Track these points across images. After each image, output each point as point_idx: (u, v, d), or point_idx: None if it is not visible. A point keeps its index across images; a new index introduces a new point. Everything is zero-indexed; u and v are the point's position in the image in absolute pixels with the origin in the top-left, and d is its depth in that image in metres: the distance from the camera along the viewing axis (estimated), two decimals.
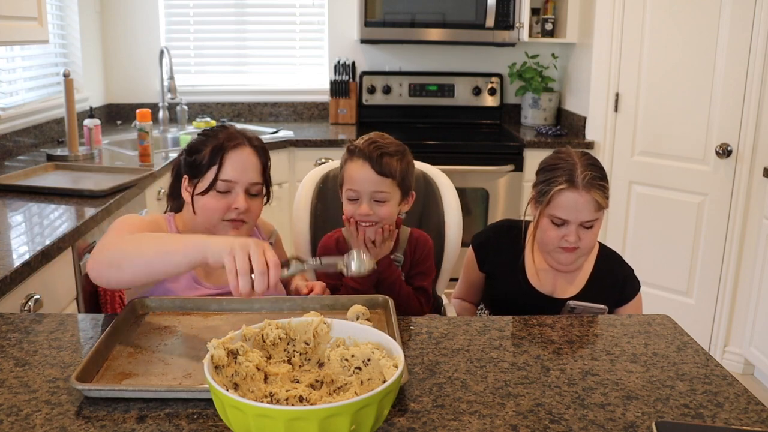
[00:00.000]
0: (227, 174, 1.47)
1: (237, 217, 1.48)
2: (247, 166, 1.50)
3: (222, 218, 1.48)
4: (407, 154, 1.63)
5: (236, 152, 1.49)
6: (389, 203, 1.58)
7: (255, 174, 1.51)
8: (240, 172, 1.48)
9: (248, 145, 1.53)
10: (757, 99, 2.73)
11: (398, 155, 1.58)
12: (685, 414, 1.02)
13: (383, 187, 1.56)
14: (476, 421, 0.98)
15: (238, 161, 1.48)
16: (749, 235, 2.84)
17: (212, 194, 1.47)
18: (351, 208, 1.60)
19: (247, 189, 1.49)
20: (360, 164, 1.57)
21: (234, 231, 1.49)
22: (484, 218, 3.39)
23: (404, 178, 1.59)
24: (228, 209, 1.47)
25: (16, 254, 1.61)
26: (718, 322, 3.01)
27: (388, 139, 1.62)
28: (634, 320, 1.38)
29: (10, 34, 2.16)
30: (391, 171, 1.56)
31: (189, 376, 1.08)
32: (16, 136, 2.79)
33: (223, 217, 1.48)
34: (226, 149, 1.49)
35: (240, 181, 1.48)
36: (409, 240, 1.73)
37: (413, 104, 3.88)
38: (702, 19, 2.86)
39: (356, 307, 1.31)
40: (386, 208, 1.57)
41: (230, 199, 1.47)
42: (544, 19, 3.68)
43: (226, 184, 1.47)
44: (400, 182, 1.58)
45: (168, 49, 3.37)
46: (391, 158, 1.57)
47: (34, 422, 0.95)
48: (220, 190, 1.47)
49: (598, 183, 1.53)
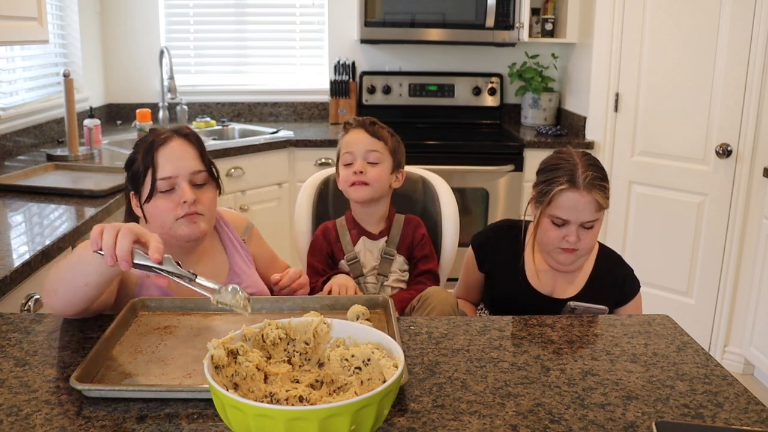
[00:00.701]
0: (164, 171, 1.41)
1: (189, 210, 1.41)
2: (182, 157, 1.43)
3: (175, 217, 1.41)
4: (397, 136, 1.78)
5: (166, 147, 1.43)
6: (381, 165, 1.71)
7: (193, 162, 1.44)
8: (176, 165, 1.41)
9: (177, 136, 1.45)
10: (757, 99, 2.73)
11: (388, 130, 1.75)
12: (685, 414, 1.02)
13: (376, 146, 1.71)
14: (476, 421, 0.98)
15: (171, 154, 1.42)
16: (749, 235, 2.84)
17: (157, 197, 1.42)
18: (346, 173, 1.72)
19: (191, 180, 1.43)
20: (355, 131, 1.73)
21: (192, 226, 1.42)
22: (484, 218, 3.39)
23: (395, 150, 1.74)
24: (177, 206, 1.41)
25: (16, 254, 1.61)
26: (718, 322, 3.01)
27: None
28: (634, 320, 1.38)
29: (10, 34, 2.16)
30: (383, 136, 1.72)
31: (189, 376, 1.08)
32: (16, 136, 2.79)
33: (176, 216, 1.41)
34: (156, 147, 1.43)
35: (179, 173, 1.42)
36: (404, 225, 1.79)
37: (413, 104, 3.88)
38: (702, 19, 2.86)
39: (356, 307, 1.31)
40: (378, 169, 1.70)
41: (176, 196, 1.41)
42: (544, 19, 3.68)
43: (167, 181, 1.41)
44: (392, 150, 1.73)
45: (168, 49, 3.37)
46: (382, 129, 1.74)
47: (34, 422, 0.95)
48: (163, 189, 1.41)
49: (599, 183, 1.53)
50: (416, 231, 1.78)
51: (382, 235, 1.75)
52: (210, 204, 1.46)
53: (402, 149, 1.79)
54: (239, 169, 3.07)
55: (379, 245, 1.75)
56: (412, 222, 1.80)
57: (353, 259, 1.72)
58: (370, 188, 1.69)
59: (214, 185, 1.49)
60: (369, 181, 1.68)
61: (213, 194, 1.48)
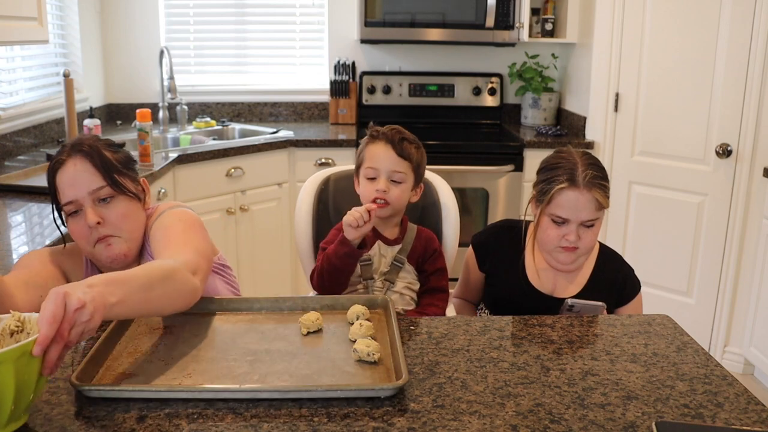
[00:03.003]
0: (65, 195, 1.34)
1: (100, 234, 1.35)
2: (79, 178, 1.34)
3: (89, 243, 1.36)
4: (422, 147, 1.76)
5: (63, 171, 1.35)
6: (403, 185, 1.69)
7: (92, 181, 1.34)
8: (75, 188, 1.33)
9: (73, 155, 1.35)
10: (757, 99, 2.73)
11: (415, 144, 1.73)
12: (685, 414, 1.02)
13: (401, 167, 1.68)
14: (476, 421, 0.98)
15: (68, 178, 1.34)
16: (749, 235, 2.84)
17: (69, 221, 1.37)
18: (369, 187, 1.69)
19: (94, 198, 1.35)
20: (382, 145, 1.69)
21: (108, 249, 1.36)
22: (484, 218, 3.39)
23: (419, 166, 1.72)
24: (89, 230, 1.35)
25: (16, 254, 1.61)
26: (718, 322, 3.01)
27: (406, 131, 1.75)
28: (634, 320, 1.38)
29: (10, 34, 2.16)
30: (409, 155, 1.69)
31: (189, 376, 1.08)
32: (16, 136, 2.79)
33: (90, 242, 1.36)
34: (54, 172, 1.36)
35: (78, 195, 1.34)
36: (417, 236, 1.77)
37: (413, 104, 3.88)
38: (702, 19, 2.86)
39: (356, 308, 1.32)
40: (400, 189, 1.69)
41: (83, 218, 1.34)
42: (544, 19, 3.68)
43: (71, 205, 1.34)
44: (416, 168, 1.71)
45: (168, 49, 3.37)
46: (410, 145, 1.71)
47: (34, 422, 0.95)
48: (71, 212, 1.35)
49: (599, 182, 1.53)
50: (429, 244, 1.77)
51: (397, 242, 1.74)
52: (120, 220, 1.37)
53: (424, 161, 1.75)
54: (239, 169, 3.07)
55: (393, 251, 1.74)
56: (425, 234, 1.78)
57: (367, 261, 1.71)
58: (390, 207, 1.68)
59: (126, 196, 1.39)
60: (391, 201, 1.67)
61: (124, 206, 1.38)
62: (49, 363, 0.90)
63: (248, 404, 1.00)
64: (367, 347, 1.14)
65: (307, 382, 1.07)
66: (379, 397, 1.03)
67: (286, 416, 0.97)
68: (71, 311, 0.91)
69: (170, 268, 1.17)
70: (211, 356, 1.16)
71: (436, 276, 1.77)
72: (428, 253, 1.76)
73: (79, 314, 0.92)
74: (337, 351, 1.19)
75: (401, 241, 1.75)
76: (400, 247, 1.74)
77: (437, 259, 1.78)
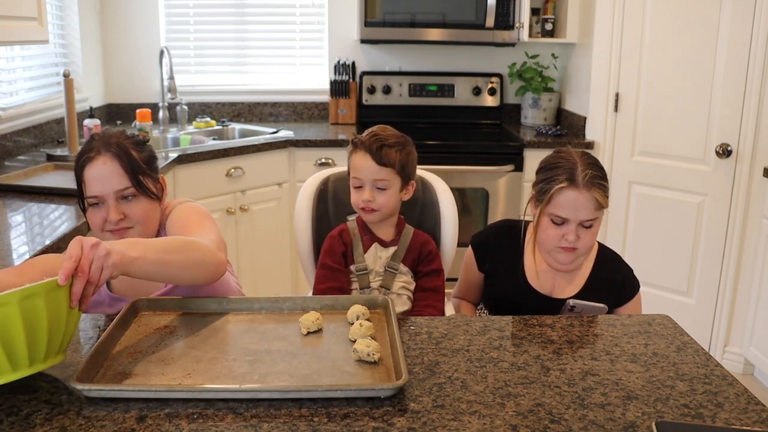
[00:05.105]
0: (91, 190, 1.43)
1: (115, 227, 1.43)
2: (107, 177, 1.42)
3: (102, 230, 1.44)
4: (407, 144, 1.73)
5: (92, 166, 1.43)
6: (389, 190, 1.70)
7: (119, 181, 1.43)
8: (101, 186, 1.42)
9: (104, 153, 1.43)
10: (757, 99, 2.73)
11: (397, 146, 1.69)
12: (685, 414, 1.02)
13: (383, 175, 1.68)
14: (476, 421, 0.98)
15: (96, 175, 1.42)
16: (749, 235, 2.84)
17: (89, 210, 1.45)
18: (356, 196, 1.72)
19: (118, 197, 1.43)
20: (362, 155, 1.69)
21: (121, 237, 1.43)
22: (484, 218, 3.39)
23: (404, 167, 1.71)
24: (104, 221, 1.43)
25: (16, 254, 1.61)
26: (718, 322, 3.01)
27: (388, 131, 1.72)
28: (634, 320, 1.38)
29: (10, 34, 2.16)
30: (390, 161, 1.67)
31: (189, 376, 1.08)
32: (16, 136, 2.79)
33: (104, 229, 1.44)
34: (83, 166, 1.43)
35: (104, 193, 1.42)
36: (413, 238, 1.77)
37: (413, 104, 3.88)
38: (702, 20, 2.86)
39: (356, 308, 1.32)
40: (386, 195, 1.70)
41: (104, 211, 1.43)
42: (544, 19, 3.68)
43: (95, 199, 1.43)
44: (400, 171, 1.70)
45: (168, 49, 3.37)
46: (390, 149, 1.68)
47: (34, 422, 0.95)
48: (93, 204, 1.44)
49: (599, 182, 1.53)
50: (424, 246, 1.77)
51: (393, 243, 1.75)
52: (140, 214, 1.46)
53: (412, 159, 1.74)
54: (239, 169, 3.07)
55: (389, 252, 1.74)
56: (421, 237, 1.79)
57: (362, 271, 1.73)
58: (378, 213, 1.70)
59: (146, 196, 1.47)
60: (377, 208, 1.69)
61: (144, 205, 1.46)
62: (74, 296, 1.04)
63: (248, 404, 1.00)
64: (367, 347, 1.14)
65: (307, 382, 1.07)
66: (379, 397, 1.03)
67: (286, 416, 0.97)
68: (87, 248, 1.06)
69: (192, 240, 1.30)
70: (211, 356, 1.16)
71: (430, 276, 1.77)
72: (423, 255, 1.77)
73: (96, 251, 1.07)
74: (337, 351, 1.19)
75: (397, 242, 1.76)
76: (396, 248, 1.74)
77: (432, 260, 1.78)
